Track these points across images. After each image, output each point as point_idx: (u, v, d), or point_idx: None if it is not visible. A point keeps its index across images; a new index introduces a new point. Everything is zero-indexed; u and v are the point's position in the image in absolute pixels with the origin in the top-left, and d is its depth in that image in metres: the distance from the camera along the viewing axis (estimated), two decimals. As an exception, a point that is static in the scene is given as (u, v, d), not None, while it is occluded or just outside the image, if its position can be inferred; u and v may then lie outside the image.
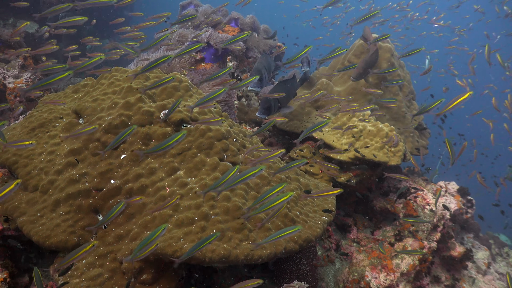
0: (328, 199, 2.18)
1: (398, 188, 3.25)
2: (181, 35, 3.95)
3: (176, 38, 3.86)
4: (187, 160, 1.93)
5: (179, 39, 3.92)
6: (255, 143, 2.26)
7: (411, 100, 3.55)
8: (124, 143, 1.99)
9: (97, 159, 1.97)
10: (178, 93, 2.26)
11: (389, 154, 2.64)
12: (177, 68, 3.47)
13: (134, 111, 2.05)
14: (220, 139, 1.99)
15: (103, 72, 2.43)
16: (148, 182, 1.86)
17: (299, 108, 3.31)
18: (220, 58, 3.77)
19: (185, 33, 3.96)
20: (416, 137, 3.41)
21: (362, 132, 2.72)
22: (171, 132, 2.00)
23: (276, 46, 5.47)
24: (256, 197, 1.85)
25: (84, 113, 2.15)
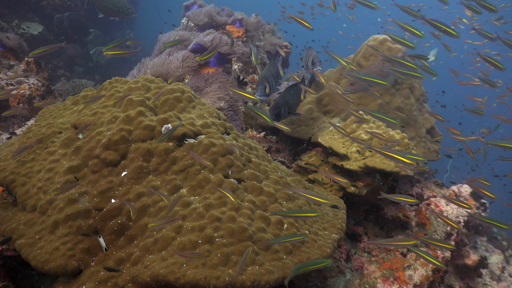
0: (338, 215, 2.09)
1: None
2: (183, 37, 3.86)
3: (179, 41, 3.77)
4: (190, 177, 1.85)
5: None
6: (262, 156, 2.17)
7: (422, 102, 3.44)
8: (125, 160, 1.92)
9: (97, 176, 1.89)
10: (181, 104, 2.17)
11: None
12: (181, 73, 3.39)
13: (135, 126, 1.97)
14: (224, 154, 1.90)
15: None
16: (150, 202, 1.78)
17: (307, 114, 3.21)
18: (225, 61, 3.67)
19: (187, 35, 3.86)
20: (428, 142, 3.29)
21: (372, 140, 2.61)
22: (173, 147, 1.92)
23: (282, 45, 5.36)
24: (263, 216, 1.76)
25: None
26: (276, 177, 2.01)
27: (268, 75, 2.77)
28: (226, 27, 4.71)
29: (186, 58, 3.49)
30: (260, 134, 3.46)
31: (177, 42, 3.42)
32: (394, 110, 3.15)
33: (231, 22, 4.75)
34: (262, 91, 2.75)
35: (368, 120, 2.72)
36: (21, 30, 7.51)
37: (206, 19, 4.62)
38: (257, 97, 2.79)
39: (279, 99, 2.79)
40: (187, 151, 1.92)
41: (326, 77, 3.58)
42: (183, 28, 4.75)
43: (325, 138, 2.77)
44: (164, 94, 2.19)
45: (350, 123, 2.76)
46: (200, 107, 2.23)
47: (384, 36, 3.26)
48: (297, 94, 2.96)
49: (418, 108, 3.33)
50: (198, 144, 1.92)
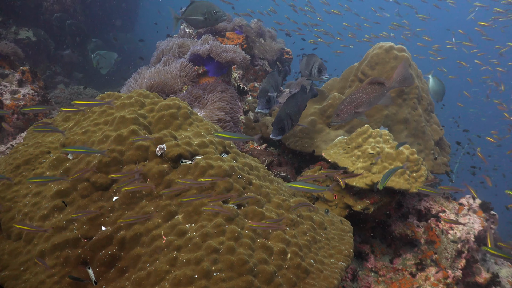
0: (345, 239, 1.96)
1: (418, 210, 3.01)
2: (181, 45, 3.73)
3: (176, 49, 3.65)
4: (186, 202, 1.72)
5: (179, 49, 3.71)
6: (263, 176, 2.04)
7: (430, 113, 3.30)
8: (117, 183, 1.79)
9: (86, 201, 1.76)
10: (177, 121, 2.05)
11: (410, 180, 2.40)
12: (179, 84, 3.26)
13: (127, 146, 1.84)
14: (223, 177, 1.77)
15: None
16: (142, 230, 1.66)
17: (310, 126, 3.08)
18: (224, 70, 3.55)
19: (186, 43, 3.74)
20: (437, 154, 3.16)
21: (379, 155, 2.48)
22: (167, 169, 1.79)
23: (284, 52, 5.24)
24: (265, 246, 1.63)
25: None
26: (278, 200, 1.88)
27: (268, 87, 2.66)
28: (226, 34, 4.59)
29: (184, 67, 3.37)
30: (261, 146, 3.33)
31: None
32: (401, 121, 3.02)
33: (231, 29, 4.63)
34: (263, 104, 2.64)
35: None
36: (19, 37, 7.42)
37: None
38: (258, 111, 2.68)
39: (281, 112, 2.67)
40: (183, 173, 1.79)
41: (330, 87, 3.45)
42: (181, 35, 4.63)
43: (329, 153, 2.64)
44: (159, 110, 2.07)
45: (356, 136, 2.63)
46: (197, 124, 2.11)
47: (390, 44, 3.13)
48: (298, 104, 2.85)
49: (426, 119, 3.20)
50: (195, 166, 1.79)
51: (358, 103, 2.46)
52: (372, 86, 2.49)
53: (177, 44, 3.72)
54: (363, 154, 2.52)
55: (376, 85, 2.51)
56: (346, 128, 3.09)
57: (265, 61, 4.82)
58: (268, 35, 5.19)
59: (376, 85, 2.52)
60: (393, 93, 3.05)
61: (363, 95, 2.47)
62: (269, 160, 2.96)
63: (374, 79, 2.54)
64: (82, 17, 8.47)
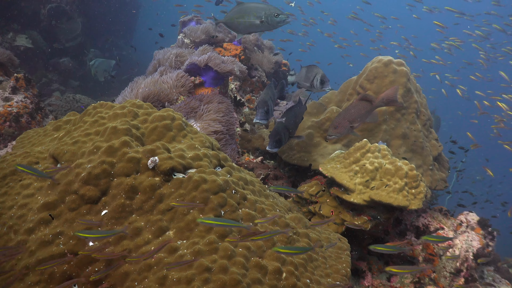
0: (342, 257, 1.89)
1: (416, 226, 2.95)
2: (179, 55, 3.69)
3: (173, 58, 3.61)
4: (177, 217, 1.66)
5: (177, 59, 3.67)
6: (258, 191, 1.98)
7: (429, 128, 3.26)
8: (106, 196, 1.72)
9: (74, 215, 1.69)
10: (170, 133, 1.99)
11: (409, 196, 2.34)
12: (174, 94, 3.21)
13: (118, 158, 1.78)
14: (217, 192, 1.71)
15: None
16: (131, 246, 1.59)
17: (308, 139, 3.03)
18: (221, 81, 3.50)
19: (183, 53, 3.70)
20: (436, 169, 3.11)
21: (378, 171, 2.43)
22: (159, 183, 1.73)
23: (281, 63, 5.22)
24: (259, 264, 1.57)
25: (62, 158, 1.88)
26: (275, 216, 1.81)
27: (267, 99, 2.63)
28: (224, 45, 4.56)
29: (180, 77, 3.32)
30: (257, 159, 3.27)
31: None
32: (400, 136, 2.97)
33: (229, 40, 4.60)
34: (262, 115, 2.59)
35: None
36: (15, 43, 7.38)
37: (203, 36, 4.47)
38: (256, 121, 2.63)
39: (279, 124, 2.63)
40: (175, 187, 1.73)
41: (327, 100, 3.41)
42: (179, 45, 4.60)
43: (326, 167, 2.59)
44: (153, 121, 2.01)
45: (354, 151, 2.57)
46: (191, 136, 2.05)
47: (389, 58, 3.10)
48: (296, 116, 2.83)
49: (425, 134, 3.16)
50: (188, 180, 1.73)
51: (353, 118, 2.47)
52: (362, 102, 2.57)
53: (174, 54, 3.67)
54: (361, 169, 2.47)
55: (365, 102, 2.59)
56: (343, 142, 3.04)
57: (263, 73, 4.78)
58: (265, 47, 5.16)
59: (366, 102, 2.59)
60: (392, 107, 3.01)
61: (356, 110, 2.51)
62: (265, 174, 2.90)
63: (364, 95, 2.61)
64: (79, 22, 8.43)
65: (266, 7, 2.90)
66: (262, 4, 2.95)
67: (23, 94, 4.11)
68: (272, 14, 2.87)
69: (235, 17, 3.02)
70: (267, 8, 2.89)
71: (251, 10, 2.96)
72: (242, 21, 3.02)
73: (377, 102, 2.64)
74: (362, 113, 2.52)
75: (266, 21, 2.89)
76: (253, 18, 2.94)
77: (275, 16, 2.88)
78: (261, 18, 2.90)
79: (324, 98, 3.44)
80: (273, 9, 2.88)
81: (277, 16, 2.87)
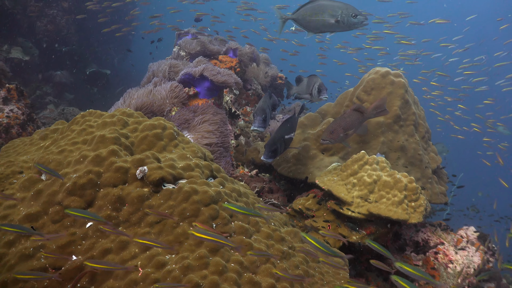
0: (340, 273, 1.80)
1: (415, 242, 2.87)
2: (173, 66, 3.64)
3: (167, 69, 3.55)
4: (166, 230, 1.57)
5: (171, 70, 3.61)
6: (252, 203, 1.90)
7: (428, 140, 3.20)
8: (91, 207, 1.64)
9: (57, 227, 1.60)
10: (161, 142, 1.91)
11: (409, 210, 2.26)
12: (168, 105, 3.14)
13: (105, 167, 1.69)
14: (208, 203, 1.63)
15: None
16: (117, 260, 1.49)
17: (304, 151, 2.96)
18: (216, 93, 3.44)
19: (177, 64, 3.65)
20: (435, 183, 3.04)
21: (376, 184, 2.35)
22: (148, 194, 1.64)
23: (277, 77, 5.18)
24: (252, 281, 1.47)
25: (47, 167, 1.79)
26: (268, 230, 1.73)
27: (265, 107, 2.58)
28: (219, 57, 4.52)
29: (174, 88, 3.26)
30: (252, 172, 3.19)
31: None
32: (398, 149, 2.90)
33: (224, 52, 4.56)
34: (259, 122, 2.53)
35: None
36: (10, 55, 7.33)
37: (198, 47, 4.43)
38: (254, 129, 2.57)
39: (275, 134, 2.57)
40: (164, 198, 1.64)
41: (324, 112, 3.35)
42: (174, 57, 4.56)
43: (323, 180, 2.51)
44: (143, 130, 1.94)
45: (351, 163, 2.50)
46: (183, 146, 1.97)
47: (386, 69, 3.05)
48: (292, 128, 2.78)
49: (424, 147, 3.09)
50: (178, 191, 1.64)
51: (348, 126, 2.44)
52: (356, 112, 2.56)
53: (168, 65, 3.62)
54: (359, 182, 2.39)
55: (358, 112, 2.58)
56: (340, 154, 2.97)
57: (258, 86, 4.74)
58: (261, 60, 5.13)
59: (358, 112, 2.58)
60: (390, 119, 2.95)
61: (350, 119, 2.49)
62: (259, 187, 2.82)
63: (357, 106, 2.59)
64: (76, 37, 8.41)
65: (343, 5, 2.63)
66: (338, 2, 2.67)
67: (15, 105, 4.02)
68: (350, 14, 2.60)
69: (308, 14, 2.71)
70: (345, 7, 2.62)
71: (326, 7, 2.66)
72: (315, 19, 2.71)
73: (368, 113, 2.64)
74: (356, 123, 2.52)
75: (342, 21, 2.61)
76: (328, 17, 2.64)
77: (353, 17, 2.61)
78: (337, 17, 2.61)
79: (321, 110, 3.38)
80: (351, 8, 2.62)
81: (355, 16, 2.60)
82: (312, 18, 2.69)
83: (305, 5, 2.73)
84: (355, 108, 2.57)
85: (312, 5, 2.69)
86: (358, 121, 2.53)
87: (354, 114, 2.53)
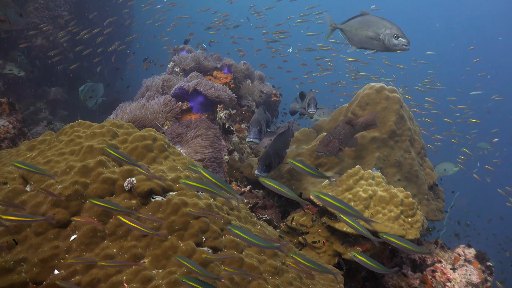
0: (335, 291, 1.74)
1: (412, 260, 2.80)
2: (166, 80, 3.61)
3: (160, 84, 3.52)
4: (154, 244, 1.50)
5: (164, 85, 3.59)
6: (244, 218, 1.84)
7: (423, 156, 3.17)
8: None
9: (40, 240, 1.53)
10: (151, 154, 1.86)
11: (405, 226, 2.21)
12: (160, 119, 3.10)
13: (92, 178, 1.64)
14: (198, 216, 1.57)
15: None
16: (101, 275, 1.42)
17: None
18: (210, 107, 3.41)
19: (171, 79, 3.62)
20: (431, 199, 2.99)
21: (372, 199, 2.30)
22: (136, 206, 1.58)
23: (272, 94, 5.16)
24: (243, 297, 1.40)
25: (32, 178, 1.73)
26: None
27: (260, 118, 2.55)
28: (214, 73, 4.51)
29: (167, 102, 3.22)
30: (245, 188, 3.13)
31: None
32: (394, 164, 2.86)
33: (219, 68, 4.55)
34: (255, 134, 2.49)
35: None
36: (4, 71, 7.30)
37: (193, 63, 4.42)
38: (250, 140, 2.53)
39: (269, 149, 2.53)
40: (153, 211, 1.59)
41: (319, 127, 3.32)
42: (169, 73, 4.54)
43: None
44: (133, 141, 1.89)
45: (346, 178, 2.46)
46: (173, 158, 1.92)
47: (381, 84, 3.04)
48: (286, 142, 2.75)
49: (420, 163, 3.06)
50: (167, 203, 1.59)
51: (342, 139, 2.40)
52: (348, 125, 2.55)
53: (162, 79, 3.60)
54: (355, 197, 2.34)
55: (350, 125, 2.56)
56: (335, 170, 2.92)
57: (253, 102, 4.72)
58: (256, 77, 5.13)
59: (350, 126, 2.56)
60: (385, 134, 2.92)
61: (344, 132, 2.45)
62: (252, 202, 2.76)
63: (349, 119, 2.57)
64: (71, 54, 8.40)
65: (389, 24, 2.50)
66: (385, 21, 2.54)
67: (6, 119, 3.97)
68: (392, 34, 2.47)
69: (355, 27, 2.61)
70: (389, 26, 2.50)
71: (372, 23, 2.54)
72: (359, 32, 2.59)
73: (358, 127, 2.62)
74: (348, 136, 2.49)
75: (383, 40, 2.49)
76: (371, 33, 2.53)
77: (394, 38, 2.48)
78: (379, 35, 2.50)
79: (315, 125, 3.35)
80: (395, 29, 2.48)
81: (397, 38, 2.47)
82: (357, 32, 2.59)
83: (355, 17, 2.64)
84: (347, 121, 2.54)
85: (361, 19, 2.60)
86: (350, 134, 2.50)
87: (347, 127, 2.50)
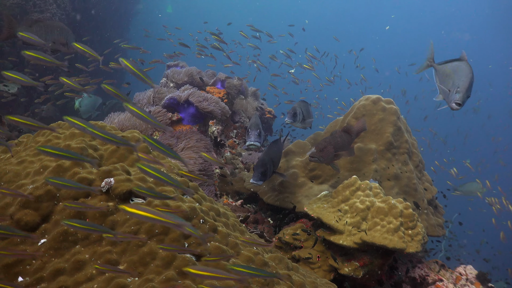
0: (330, 305, 1.59)
1: (412, 278, 2.65)
2: (158, 92, 3.52)
3: (151, 95, 3.42)
4: (131, 250, 1.36)
5: (155, 96, 3.49)
6: (232, 225, 1.70)
7: (422, 170, 3.05)
8: (47, 223, 1.43)
9: (4, 244, 1.39)
10: (133, 156, 1.74)
11: (406, 238, 2.07)
12: (149, 130, 2.99)
13: (68, 178, 1.50)
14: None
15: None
16: (70, 283, 1.27)
17: (292, 179, 2.79)
18: (201, 119, 3.31)
19: (163, 90, 3.53)
20: (431, 214, 2.86)
21: (369, 210, 2.17)
22: (113, 208, 1.45)
23: (266, 110, 5.08)
24: (228, 309, 1.26)
25: (2, 179, 1.60)
26: (249, 253, 1.52)
27: (258, 122, 2.47)
28: (207, 88, 4.43)
29: (157, 113, 3.11)
30: (236, 203, 3.00)
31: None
32: (392, 177, 2.74)
33: (212, 83, 4.47)
34: (255, 137, 2.40)
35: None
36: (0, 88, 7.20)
37: (186, 78, 4.34)
38: (250, 143, 2.42)
39: (264, 156, 2.42)
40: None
41: (313, 140, 3.21)
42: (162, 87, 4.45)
43: (312, 208, 2.33)
44: (115, 143, 1.76)
45: (343, 189, 2.33)
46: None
47: (377, 96, 2.96)
48: (279, 151, 2.66)
49: (418, 176, 2.94)
50: (147, 206, 1.45)
51: (338, 146, 2.30)
52: (345, 133, 2.49)
53: (153, 91, 3.50)
54: (351, 209, 2.21)
55: (347, 133, 2.50)
56: (330, 182, 2.79)
57: (246, 119, 4.62)
58: (250, 93, 5.06)
59: (347, 134, 2.50)
60: (382, 146, 2.81)
61: (341, 139, 2.36)
62: (244, 216, 2.62)
63: (346, 127, 2.53)
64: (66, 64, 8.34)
65: (467, 80, 2.09)
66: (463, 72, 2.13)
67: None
68: (456, 86, 2.10)
69: (446, 72, 2.23)
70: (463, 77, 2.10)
71: (455, 75, 2.15)
72: (446, 80, 2.20)
73: (353, 136, 2.57)
74: (345, 144, 2.40)
75: (451, 95, 2.11)
76: (450, 86, 2.15)
77: (456, 92, 2.09)
78: (449, 88, 2.14)
79: (310, 138, 3.24)
80: (463, 82, 2.08)
81: (457, 92, 2.07)
82: (445, 78, 2.23)
83: (452, 61, 2.28)
84: (345, 129, 2.46)
85: (454, 65, 2.24)
86: (347, 142, 2.40)
87: (344, 134, 2.41)
